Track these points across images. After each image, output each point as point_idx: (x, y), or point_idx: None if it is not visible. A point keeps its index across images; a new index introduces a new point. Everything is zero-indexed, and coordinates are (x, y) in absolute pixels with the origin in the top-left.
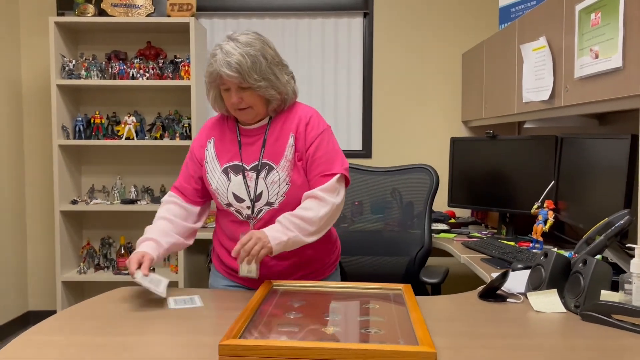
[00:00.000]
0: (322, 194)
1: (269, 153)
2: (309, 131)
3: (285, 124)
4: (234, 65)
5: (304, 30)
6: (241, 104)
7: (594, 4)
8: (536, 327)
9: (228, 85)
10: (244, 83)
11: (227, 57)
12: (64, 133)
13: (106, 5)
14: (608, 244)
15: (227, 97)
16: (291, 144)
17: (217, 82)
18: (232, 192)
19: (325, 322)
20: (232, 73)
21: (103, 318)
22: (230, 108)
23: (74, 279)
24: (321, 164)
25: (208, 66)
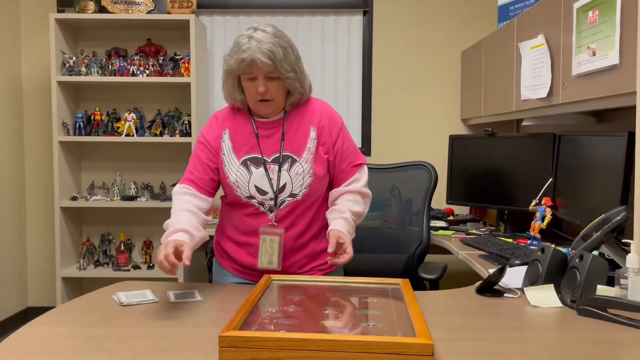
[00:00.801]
0: (365, 189)
1: (289, 145)
2: (333, 125)
3: (304, 117)
4: (268, 52)
5: (303, 28)
6: (266, 95)
7: (592, 2)
8: (533, 320)
9: (255, 74)
10: (274, 72)
11: (261, 44)
12: (64, 129)
13: (106, 2)
14: (604, 239)
15: (251, 86)
16: (313, 137)
17: (242, 71)
18: (255, 185)
19: (324, 315)
20: (267, 60)
21: (103, 311)
22: (252, 99)
23: (73, 275)
24: (349, 155)
25: (234, 53)
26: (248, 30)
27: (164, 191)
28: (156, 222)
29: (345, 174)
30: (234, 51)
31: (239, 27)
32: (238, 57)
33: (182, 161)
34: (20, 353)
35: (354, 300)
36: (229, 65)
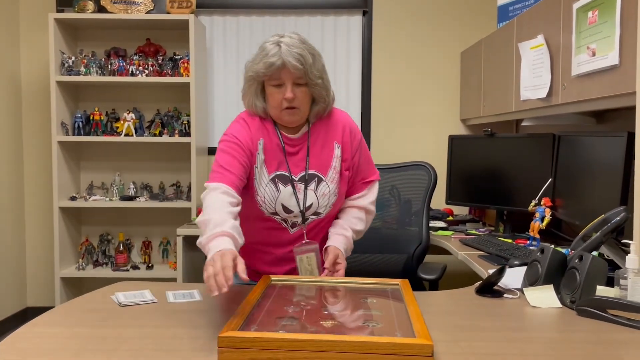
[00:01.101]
0: (371, 207)
1: (314, 163)
2: (353, 139)
3: (328, 133)
4: (298, 57)
5: (303, 28)
6: (294, 101)
7: (592, 2)
8: (532, 321)
9: (283, 80)
10: (303, 78)
11: (291, 48)
12: (63, 129)
13: (106, 2)
14: (604, 240)
15: (278, 93)
16: (338, 155)
17: (270, 76)
18: (282, 203)
19: (323, 316)
20: (297, 64)
21: (102, 311)
22: (277, 106)
23: (72, 275)
24: (362, 171)
25: (262, 58)
26: (273, 37)
27: (163, 191)
28: (155, 222)
29: (355, 189)
30: (260, 56)
31: (239, 27)
32: (267, 60)
33: (181, 161)
34: (19, 353)
35: (353, 300)
36: (254, 70)
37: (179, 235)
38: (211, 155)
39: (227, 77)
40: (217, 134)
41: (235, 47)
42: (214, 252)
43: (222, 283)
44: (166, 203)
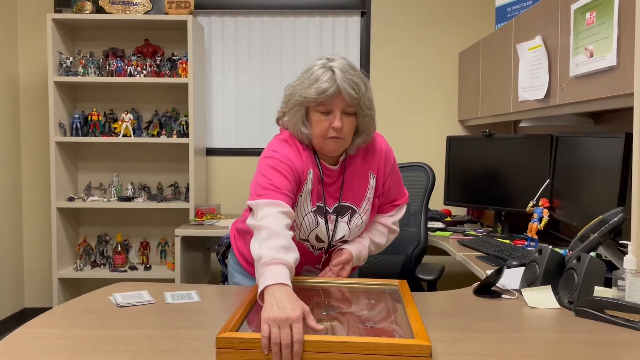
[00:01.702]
0: (394, 226)
1: (349, 195)
2: (387, 164)
3: (365, 163)
4: (353, 85)
5: (301, 29)
6: (341, 131)
7: (589, 3)
8: (530, 322)
9: (333, 108)
10: (353, 107)
11: (346, 75)
12: (61, 130)
13: (104, 3)
14: (602, 241)
15: (324, 120)
16: (372, 186)
17: (320, 102)
18: (316, 234)
19: (322, 317)
20: (353, 92)
21: (101, 312)
22: (322, 134)
23: (70, 276)
24: (392, 194)
25: (313, 82)
26: (320, 60)
27: (161, 192)
28: (153, 223)
29: (383, 210)
30: (310, 80)
31: (237, 27)
32: (320, 86)
33: (179, 162)
34: (17, 354)
35: (352, 301)
36: (303, 95)
37: (177, 236)
38: (209, 155)
39: (225, 77)
40: (215, 134)
41: (233, 48)
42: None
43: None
44: (164, 204)
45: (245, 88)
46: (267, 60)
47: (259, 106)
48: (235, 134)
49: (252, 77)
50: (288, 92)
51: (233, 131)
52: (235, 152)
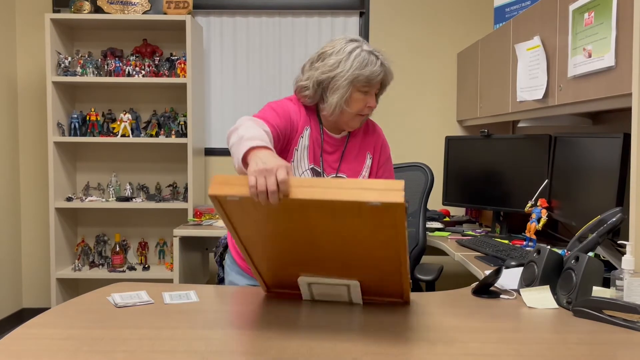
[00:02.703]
0: None
1: (346, 168)
2: (382, 153)
3: (364, 142)
4: (391, 73)
5: (300, 29)
6: (371, 110)
7: (588, 3)
8: (529, 322)
9: (371, 89)
10: (381, 91)
11: (386, 62)
12: (59, 130)
13: (102, 3)
14: (600, 241)
15: (362, 100)
16: (368, 165)
17: (367, 83)
18: None
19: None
20: (391, 78)
21: (99, 312)
22: (358, 111)
23: (68, 276)
24: None
25: (366, 65)
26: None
27: (160, 192)
28: (152, 223)
29: None
30: (360, 62)
31: (235, 27)
32: (374, 69)
33: (178, 162)
34: (15, 355)
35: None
36: (356, 74)
37: (176, 236)
38: (208, 156)
39: (224, 77)
40: (214, 134)
41: (232, 48)
42: (264, 152)
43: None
44: (163, 204)
45: (244, 88)
46: (266, 60)
47: (258, 106)
48: None
49: (250, 77)
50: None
51: None
52: None
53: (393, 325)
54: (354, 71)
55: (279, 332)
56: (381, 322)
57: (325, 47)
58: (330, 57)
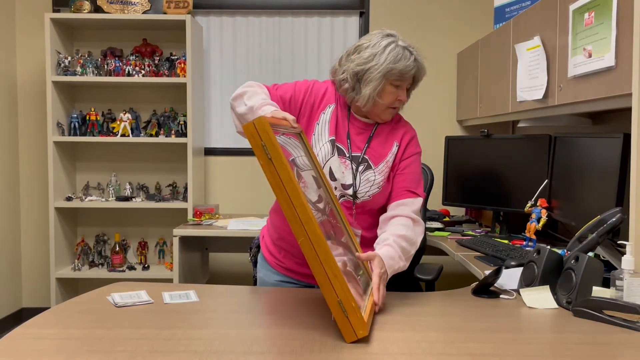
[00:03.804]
0: (415, 216)
1: (371, 152)
2: (410, 147)
3: (392, 132)
4: (424, 68)
5: (300, 29)
6: (402, 104)
7: (588, 3)
8: (529, 322)
9: (403, 83)
10: (413, 86)
11: (420, 58)
12: (59, 130)
13: (102, 2)
14: (600, 241)
15: (394, 93)
16: (394, 152)
17: (401, 77)
18: (330, 167)
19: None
20: (424, 73)
21: (98, 312)
22: (388, 104)
23: (68, 275)
24: (409, 180)
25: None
26: (388, 37)
27: (160, 192)
28: (151, 222)
29: (398, 195)
30: (394, 56)
31: (235, 27)
32: (407, 64)
33: (178, 162)
34: (14, 355)
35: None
36: (390, 67)
37: (176, 236)
38: (208, 155)
39: (224, 77)
40: (214, 134)
41: (232, 48)
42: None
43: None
44: (162, 204)
45: None
46: (266, 60)
47: None
48: (234, 133)
49: (250, 76)
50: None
51: (232, 131)
52: (234, 152)
53: (393, 324)
54: (387, 64)
55: (279, 332)
56: (381, 322)
57: (361, 39)
58: (366, 50)
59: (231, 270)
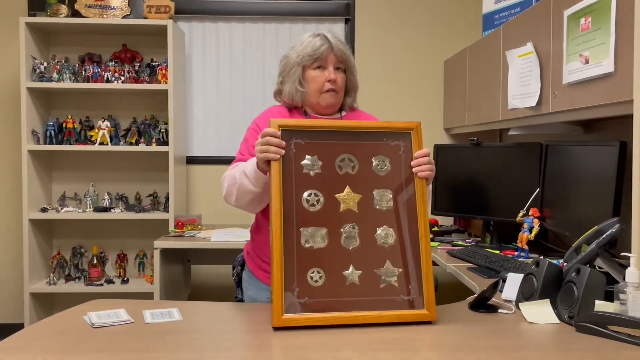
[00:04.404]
0: None
1: None
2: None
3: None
4: (343, 44)
5: (284, 35)
6: (336, 84)
7: (584, 9)
8: (532, 339)
9: (327, 63)
10: (343, 64)
11: (336, 36)
12: (34, 138)
13: (80, 6)
14: (599, 252)
15: (320, 76)
16: None
17: (316, 58)
18: None
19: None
20: (343, 49)
21: (74, 334)
22: (318, 89)
23: (43, 290)
24: None
25: (308, 44)
26: (307, 34)
27: (140, 202)
28: (131, 234)
29: None
30: (304, 44)
31: (218, 33)
32: (315, 44)
33: (159, 170)
34: None
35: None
36: (300, 55)
37: (156, 248)
38: (190, 164)
39: (206, 84)
40: (196, 142)
41: (214, 54)
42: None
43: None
44: (142, 214)
45: (227, 95)
46: (249, 67)
47: (241, 113)
48: (217, 142)
49: (233, 83)
50: (283, 62)
51: (214, 139)
52: (217, 161)
53: (390, 343)
54: (299, 54)
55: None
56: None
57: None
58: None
59: (214, 282)
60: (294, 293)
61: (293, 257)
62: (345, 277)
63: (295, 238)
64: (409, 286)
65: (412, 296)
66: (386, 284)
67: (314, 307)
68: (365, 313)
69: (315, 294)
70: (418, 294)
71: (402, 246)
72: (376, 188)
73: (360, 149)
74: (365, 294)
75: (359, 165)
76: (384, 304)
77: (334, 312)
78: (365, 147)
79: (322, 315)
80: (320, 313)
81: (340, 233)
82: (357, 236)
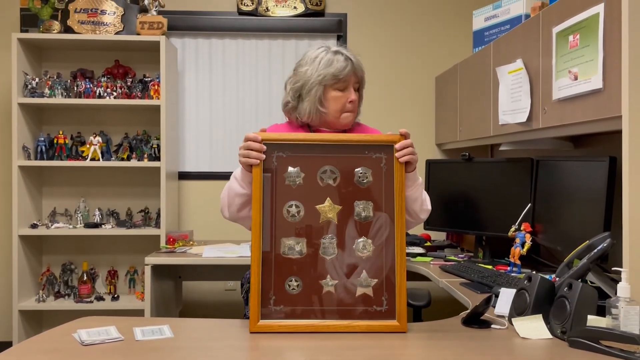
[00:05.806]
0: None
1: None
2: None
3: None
4: (360, 63)
5: (277, 52)
6: (354, 104)
7: (572, 26)
8: (525, 355)
9: (348, 84)
10: (359, 83)
11: (352, 54)
12: (24, 153)
13: (73, 23)
14: (591, 267)
15: (342, 97)
16: None
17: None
18: None
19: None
20: (363, 69)
21: (63, 352)
22: (339, 109)
23: (32, 307)
24: None
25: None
26: (321, 48)
27: (131, 218)
28: (122, 250)
29: None
30: (325, 63)
31: (211, 49)
32: (339, 65)
33: (150, 186)
34: None
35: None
36: (322, 74)
37: (147, 264)
38: (182, 180)
39: (198, 100)
40: (188, 158)
41: (207, 70)
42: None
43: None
44: (134, 230)
45: (219, 111)
46: (242, 83)
47: (234, 129)
48: (209, 157)
49: (226, 99)
50: (299, 78)
51: (206, 155)
52: (209, 177)
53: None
54: (320, 71)
55: None
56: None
57: (299, 61)
58: (302, 67)
59: (206, 299)
60: (271, 300)
61: (271, 265)
62: (321, 285)
63: (275, 248)
64: (382, 297)
65: (385, 307)
66: (361, 294)
67: (290, 314)
68: (336, 322)
69: (292, 301)
70: (391, 305)
71: (379, 257)
72: (357, 200)
73: (342, 162)
74: (340, 303)
75: (341, 177)
76: (357, 314)
77: (307, 320)
78: (348, 159)
79: (296, 322)
80: (295, 320)
81: (320, 243)
82: (336, 246)
